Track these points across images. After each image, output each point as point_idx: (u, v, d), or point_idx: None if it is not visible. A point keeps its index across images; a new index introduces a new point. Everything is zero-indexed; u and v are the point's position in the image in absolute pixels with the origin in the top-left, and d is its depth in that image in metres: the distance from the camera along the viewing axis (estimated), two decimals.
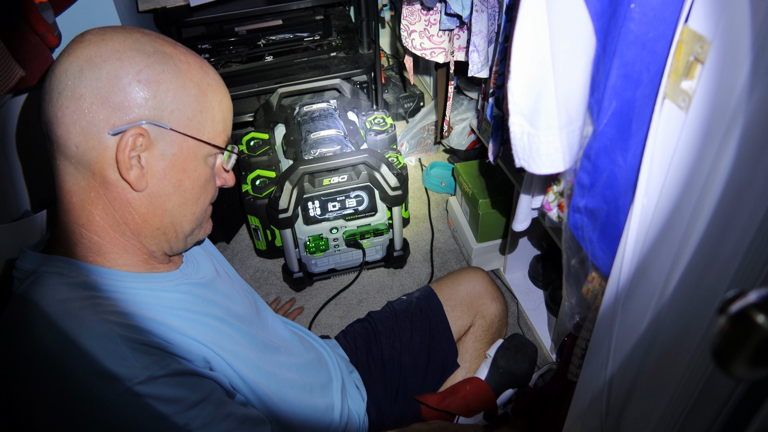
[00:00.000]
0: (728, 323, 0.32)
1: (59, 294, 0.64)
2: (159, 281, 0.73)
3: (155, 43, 0.66)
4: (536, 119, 0.67)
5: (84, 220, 0.68)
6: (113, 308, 0.66)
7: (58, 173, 0.67)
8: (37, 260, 0.69)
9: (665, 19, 0.57)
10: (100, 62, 0.62)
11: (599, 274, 0.81)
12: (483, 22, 1.24)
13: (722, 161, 0.50)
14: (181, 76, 0.67)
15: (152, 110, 0.65)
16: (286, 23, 1.95)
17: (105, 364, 0.60)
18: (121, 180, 0.66)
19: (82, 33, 0.65)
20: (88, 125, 0.63)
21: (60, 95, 0.62)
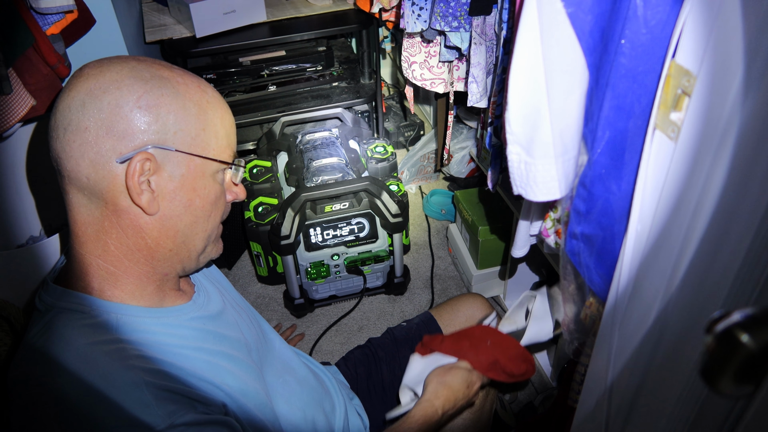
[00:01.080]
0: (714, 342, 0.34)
1: (81, 339, 0.65)
2: (174, 316, 0.74)
3: (152, 68, 0.68)
4: (533, 149, 0.70)
5: (99, 251, 0.69)
6: (135, 352, 0.66)
7: (71, 206, 0.68)
8: (56, 294, 0.69)
9: (654, 54, 0.60)
10: (100, 93, 0.64)
11: (596, 300, 0.82)
12: (481, 55, 1.27)
13: (711, 188, 0.52)
14: (180, 98, 0.68)
15: (156, 134, 0.66)
16: (289, 54, 2.00)
17: (132, 413, 0.61)
18: (133, 206, 0.67)
19: (81, 68, 0.67)
20: (96, 156, 0.64)
21: (66, 130, 0.64)
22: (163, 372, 0.67)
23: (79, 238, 0.69)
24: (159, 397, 0.63)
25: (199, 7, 1.71)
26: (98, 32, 1.52)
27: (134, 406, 0.62)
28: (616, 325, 0.69)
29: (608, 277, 0.75)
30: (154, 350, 0.68)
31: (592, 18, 0.62)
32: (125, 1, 1.74)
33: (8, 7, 1.16)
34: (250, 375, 0.80)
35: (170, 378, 0.67)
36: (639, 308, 0.64)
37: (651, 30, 0.59)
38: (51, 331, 0.66)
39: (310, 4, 1.99)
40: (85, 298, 0.69)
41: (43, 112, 1.29)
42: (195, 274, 0.85)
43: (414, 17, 1.38)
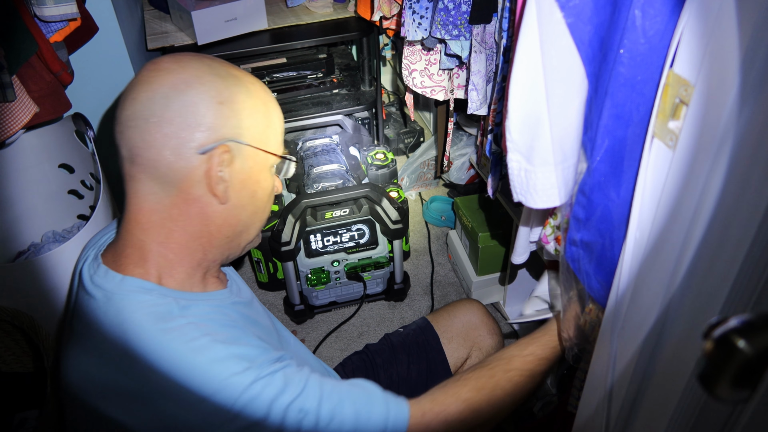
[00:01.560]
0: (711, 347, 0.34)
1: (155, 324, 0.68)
2: (218, 300, 0.78)
3: (224, 67, 0.73)
4: (533, 156, 0.70)
5: (162, 238, 0.73)
6: (206, 328, 0.70)
7: (138, 193, 0.72)
8: (116, 281, 0.72)
9: (652, 64, 0.61)
10: (185, 87, 0.69)
11: (596, 306, 0.83)
12: (481, 63, 1.28)
13: (708, 195, 0.53)
14: (252, 96, 0.74)
15: (233, 129, 0.71)
16: (290, 61, 2.01)
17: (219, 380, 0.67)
18: (205, 195, 0.72)
19: (155, 62, 0.71)
20: (179, 146, 0.69)
21: (148, 121, 0.68)
22: (234, 337, 0.71)
23: (142, 225, 0.72)
24: (239, 356, 0.68)
25: (201, 15, 1.73)
26: (101, 40, 1.54)
27: (221, 373, 0.67)
28: (616, 330, 0.70)
29: (607, 284, 0.75)
30: (218, 325, 0.72)
31: (591, 28, 0.63)
32: (127, 9, 1.75)
33: (12, 16, 1.17)
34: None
35: (244, 342, 0.71)
36: (638, 314, 0.65)
37: (649, 40, 0.60)
38: (125, 317, 0.69)
39: (310, 12, 2.01)
40: (146, 284, 0.72)
41: (46, 118, 1.30)
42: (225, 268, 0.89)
43: (414, 25, 1.39)
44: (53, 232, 1.57)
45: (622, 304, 0.68)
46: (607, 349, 0.72)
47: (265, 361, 0.70)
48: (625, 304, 0.68)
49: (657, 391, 0.63)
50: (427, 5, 1.36)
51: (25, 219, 1.54)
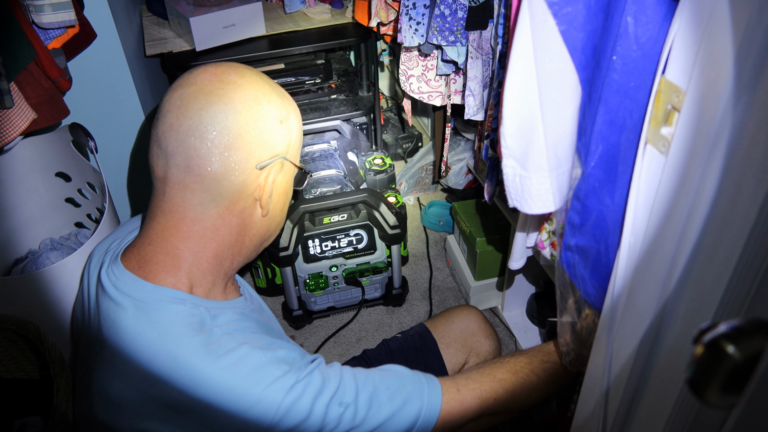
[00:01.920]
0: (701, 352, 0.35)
1: (195, 337, 0.69)
2: (240, 307, 0.80)
3: (277, 86, 0.77)
4: (527, 162, 0.71)
5: (199, 248, 0.74)
6: (240, 336, 0.72)
7: (185, 202, 0.72)
8: (146, 289, 0.72)
9: (645, 70, 0.62)
10: (255, 105, 0.71)
11: (592, 311, 0.83)
12: (478, 68, 1.29)
13: (701, 200, 0.53)
14: (298, 116, 0.78)
15: (285, 146, 0.76)
16: (288, 67, 2.02)
17: (261, 386, 0.68)
18: (249, 207, 0.75)
19: (215, 72, 0.71)
20: (242, 161, 0.71)
21: (218, 133, 0.69)
22: (268, 343, 0.73)
23: (182, 233, 0.73)
24: (278, 361, 0.70)
25: (199, 21, 1.73)
26: (99, 46, 1.54)
27: (264, 380, 0.68)
28: (611, 334, 0.70)
29: (603, 289, 0.76)
30: (250, 332, 0.74)
31: (584, 35, 0.64)
32: (126, 16, 1.76)
33: (10, 23, 1.17)
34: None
35: (277, 346, 0.73)
36: (633, 318, 0.65)
37: (642, 47, 0.61)
38: (163, 329, 0.69)
39: (308, 18, 2.01)
40: (178, 293, 0.72)
41: (44, 125, 1.30)
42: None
43: (411, 32, 1.39)
44: (51, 239, 1.57)
45: (617, 308, 0.68)
46: (603, 353, 0.72)
47: (302, 363, 0.72)
48: (620, 309, 0.68)
49: (653, 395, 0.64)
50: (423, 11, 1.36)
51: (22, 226, 1.54)
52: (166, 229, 0.73)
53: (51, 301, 1.15)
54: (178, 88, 0.71)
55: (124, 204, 1.87)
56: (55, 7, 1.23)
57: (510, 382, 0.86)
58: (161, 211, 0.73)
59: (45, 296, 1.13)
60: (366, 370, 0.78)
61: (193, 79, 0.71)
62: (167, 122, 0.70)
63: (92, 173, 1.49)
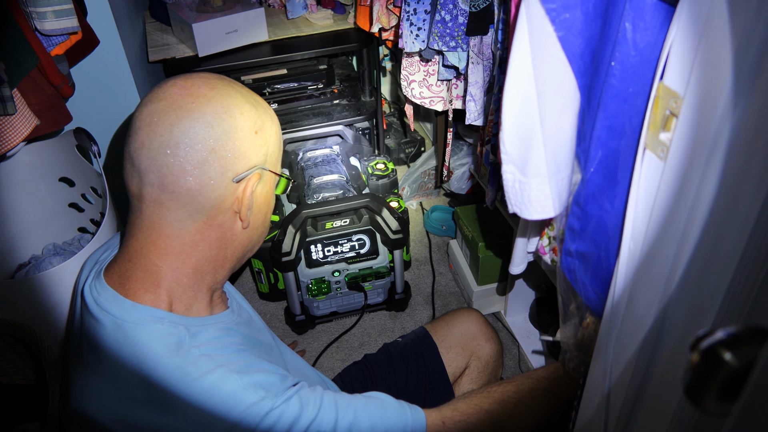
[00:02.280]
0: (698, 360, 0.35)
1: (173, 357, 0.68)
2: (223, 322, 0.78)
3: (251, 94, 0.75)
4: (527, 168, 0.71)
5: (179, 264, 0.72)
6: (219, 356, 0.70)
7: (161, 220, 0.70)
8: (125, 307, 0.70)
9: (643, 76, 0.61)
10: (227, 117, 0.69)
11: (593, 317, 0.83)
12: (479, 74, 1.29)
13: (700, 205, 0.53)
14: (274, 123, 0.76)
15: (263, 156, 0.74)
16: (290, 72, 2.02)
17: (239, 406, 0.67)
18: (229, 221, 0.73)
19: (185, 86, 0.69)
20: (218, 175, 0.69)
21: (190, 149, 0.67)
22: (247, 364, 0.71)
23: (160, 250, 0.72)
24: (254, 385, 0.69)
25: (202, 27, 1.74)
26: (102, 52, 1.55)
27: (239, 405, 0.67)
28: (612, 339, 0.70)
29: (604, 294, 0.75)
30: (231, 352, 0.72)
31: (582, 41, 0.64)
32: (129, 22, 1.77)
33: (13, 29, 1.18)
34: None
35: (257, 368, 0.71)
36: (633, 323, 0.65)
37: (640, 53, 0.61)
38: (139, 349, 0.68)
39: (311, 24, 2.02)
40: (157, 312, 0.71)
41: (47, 131, 1.31)
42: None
43: (412, 37, 1.40)
44: (54, 244, 1.58)
45: (617, 313, 0.68)
46: (604, 358, 0.72)
47: (280, 388, 0.70)
48: (621, 314, 0.68)
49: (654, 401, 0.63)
50: (424, 17, 1.37)
51: (26, 231, 1.55)
52: (145, 246, 0.72)
53: (49, 305, 1.15)
54: (148, 103, 0.69)
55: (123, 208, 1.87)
56: (57, 13, 1.23)
57: (497, 413, 0.84)
58: (138, 228, 0.72)
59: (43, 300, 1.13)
60: (350, 396, 0.77)
61: (162, 93, 0.69)
62: (138, 140, 0.68)
63: (96, 178, 1.49)
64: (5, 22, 1.17)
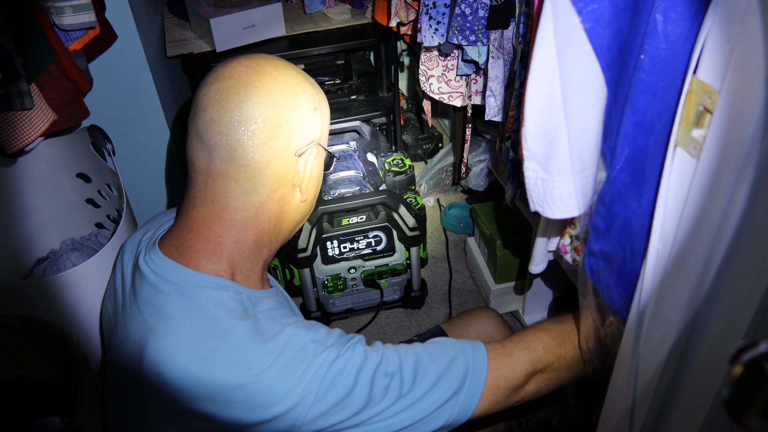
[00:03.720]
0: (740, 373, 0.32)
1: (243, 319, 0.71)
2: (274, 297, 0.82)
3: (308, 76, 0.79)
4: (550, 165, 0.68)
5: (241, 235, 0.76)
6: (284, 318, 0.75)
7: (227, 192, 0.74)
8: (187, 275, 0.74)
9: (675, 69, 0.59)
10: (291, 94, 0.73)
11: (617, 319, 0.80)
12: (499, 68, 1.26)
13: (734, 207, 0.51)
14: (326, 103, 0.81)
15: (319, 132, 0.79)
16: (308, 68, 2.01)
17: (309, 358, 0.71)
18: (289, 193, 0.78)
19: (249, 65, 0.73)
20: (282, 149, 0.73)
21: (259, 124, 0.71)
22: (308, 324, 0.75)
23: (224, 222, 0.75)
24: (320, 339, 0.72)
25: (220, 22, 1.73)
26: (120, 47, 1.55)
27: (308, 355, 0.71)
28: (637, 345, 0.67)
29: (628, 297, 0.73)
30: (289, 317, 0.76)
31: (610, 33, 0.61)
32: (147, 17, 1.77)
33: (31, 25, 1.18)
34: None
35: (317, 327, 0.75)
36: (660, 330, 0.62)
37: (671, 45, 0.58)
38: (209, 313, 0.71)
39: (328, 19, 2.01)
40: (221, 280, 0.74)
41: (64, 126, 1.31)
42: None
43: (431, 31, 1.37)
44: (71, 239, 1.58)
45: (643, 318, 0.66)
46: (629, 365, 0.70)
47: (343, 340, 0.74)
48: (647, 319, 0.65)
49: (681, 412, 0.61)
50: (443, 11, 1.34)
51: (44, 226, 1.55)
52: (208, 218, 0.75)
53: (72, 303, 1.15)
54: (215, 81, 0.73)
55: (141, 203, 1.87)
56: (75, 8, 1.23)
57: (553, 330, 0.88)
58: (201, 201, 0.75)
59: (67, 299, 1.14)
60: (406, 344, 0.80)
61: (228, 72, 0.73)
62: (208, 116, 0.72)
63: (110, 175, 1.49)
64: (23, 17, 1.17)
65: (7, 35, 1.08)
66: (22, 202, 1.48)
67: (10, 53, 1.08)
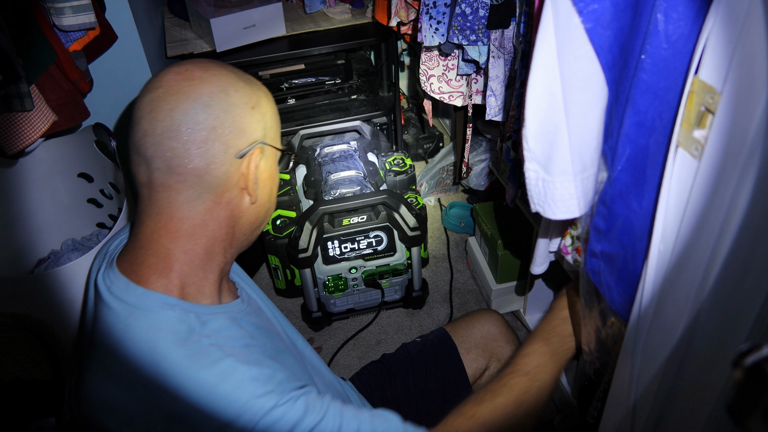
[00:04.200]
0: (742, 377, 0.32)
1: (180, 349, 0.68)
2: (234, 311, 0.78)
3: (243, 73, 0.76)
4: (551, 166, 0.68)
5: (191, 245, 0.73)
6: (229, 345, 0.71)
7: (171, 203, 0.72)
8: (137, 294, 0.72)
9: (676, 70, 0.58)
10: (223, 95, 0.71)
11: (618, 319, 0.80)
12: (500, 68, 1.26)
13: (737, 208, 0.50)
14: (270, 99, 0.78)
15: (262, 131, 0.75)
16: (308, 67, 2.01)
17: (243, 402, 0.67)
18: (237, 197, 0.75)
19: (179, 71, 0.71)
20: (221, 152, 0.71)
21: (192, 130, 0.69)
22: (256, 359, 0.71)
23: (171, 233, 0.73)
24: (261, 378, 0.68)
25: (220, 22, 1.73)
26: (120, 48, 1.55)
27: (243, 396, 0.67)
28: (638, 347, 0.67)
29: (630, 297, 0.73)
30: (240, 345, 0.72)
31: (611, 33, 0.61)
32: (147, 17, 1.77)
33: (31, 25, 1.18)
34: (298, 370, 0.83)
35: (265, 365, 0.71)
36: (661, 331, 0.62)
37: (673, 45, 0.58)
38: (151, 336, 0.69)
39: (329, 18, 2.00)
40: (169, 299, 0.72)
41: (65, 127, 1.31)
42: (231, 274, 0.89)
43: (431, 31, 1.37)
44: (72, 240, 1.58)
45: (645, 319, 0.65)
46: (629, 366, 0.69)
47: (287, 387, 0.69)
48: (649, 320, 0.65)
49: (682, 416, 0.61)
50: (444, 10, 1.34)
51: (45, 227, 1.55)
52: (156, 231, 0.73)
53: (66, 300, 1.15)
54: (147, 93, 0.71)
55: None
56: (75, 9, 1.23)
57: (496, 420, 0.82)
58: (148, 215, 0.73)
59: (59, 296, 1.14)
60: (356, 409, 0.75)
61: (159, 81, 0.71)
62: (141, 128, 0.70)
63: (115, 173, 1.49)
64: (23, 18, 1.16)
65: (7, 36, 1.08)
66: (22, 202, 1.48)
67: (10, 54, 1.08)
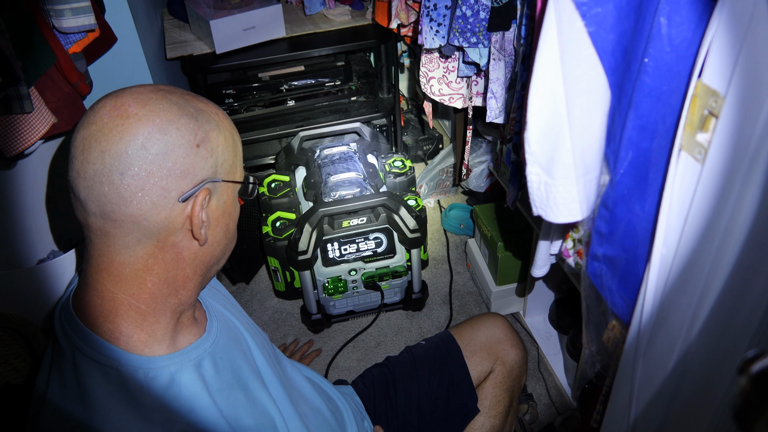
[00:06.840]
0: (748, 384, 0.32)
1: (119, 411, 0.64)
2: (194, 357, 0.72)
3: (190, 102, 0.68)
4: (553, 169, 0.68)
5: (135, 290, 0.67)
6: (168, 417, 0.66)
7: (109, 248, 0.66)
8: (84, 336, 0.67)
9: (679, 73, 0.58)
10: (161, 135, 0.63)
11: (619, 323, 0.80)
12: (500, 70, 1.26)
13: (741, 213, 0.50)
14: (221, 129, 0.69)
15: (211, 168, 0.67)
16: (308, 69, 2.01)
17: None
18: (184, 240, 0.67)
19: (115, 106, 0.64)
20: (159, 198, 0.63)
21: (125, 175, 0.62)
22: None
23: (114, 277, 0.67)
24: None
25: (220, 24, 1.73)
26: (120, 50, 1.54)
27: None
28: (640, 353, 0.67)
29: (632, 301, 0.72)
30: (183, 409, 0.68)
31: (614, 37, 0.61)
32: (147, 19, 1.76)
33: (31, 28, 1.17)
34: (265, 407, 0.79)
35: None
36: (664, 337, 0.62)
37: (676, 48, 0.58)
38: (84, 393, 0.65)
39: (329, 20, 2.00)
40: (114, 352, 0.67)
41: (64, 129, 1.30)
42: (204, 297, 0.83)
43: (432, 33, 1.37)
44: (72, 240, 1.58)
45: (647, 325, 0.65)
46: (631, 371, 0.69)
47: None
48: (651, 324, 0.65)
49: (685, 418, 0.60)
50: (444, 12, 1.34)
51: (45, 228, 1.55)
52: (98, 273, 0.67)
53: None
54: (80, 128, 0.64)
55: None
56: (75, 11, 1.23)
57: None
58: (91, 255, 0.68)
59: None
60: None
61: (93, 117, 0.64)
62: (74, 168, 0.64)
63: None
64: (23, 20, 1.16)
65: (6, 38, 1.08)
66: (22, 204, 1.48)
67: (10, 56, 1.08)
